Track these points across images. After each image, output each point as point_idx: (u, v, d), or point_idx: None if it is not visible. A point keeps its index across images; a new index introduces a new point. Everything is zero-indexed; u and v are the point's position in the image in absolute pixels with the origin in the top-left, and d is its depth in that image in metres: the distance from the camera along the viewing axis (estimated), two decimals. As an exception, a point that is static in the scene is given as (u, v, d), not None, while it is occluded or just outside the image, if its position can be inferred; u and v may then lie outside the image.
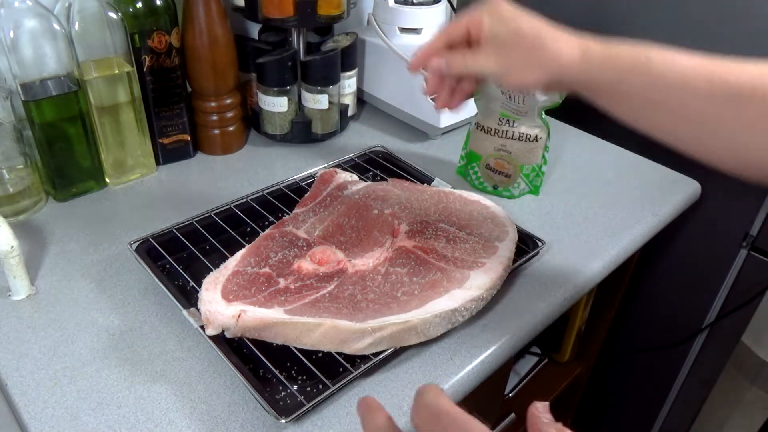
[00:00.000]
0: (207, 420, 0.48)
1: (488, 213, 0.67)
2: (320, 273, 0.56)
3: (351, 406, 0.49)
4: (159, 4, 0.70)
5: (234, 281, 0.54)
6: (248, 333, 0.51)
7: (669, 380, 1.10)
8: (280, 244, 0.59)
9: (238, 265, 0.56)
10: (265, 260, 0.57)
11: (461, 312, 0.54)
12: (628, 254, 0.72)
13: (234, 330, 0.51)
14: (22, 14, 0.61)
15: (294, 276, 0.56)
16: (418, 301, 0.53)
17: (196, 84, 0.79)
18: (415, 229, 0.62)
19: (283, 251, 0.58)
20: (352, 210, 0.65)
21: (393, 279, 0.56)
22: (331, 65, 0.83)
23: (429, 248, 0.60)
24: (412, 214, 0.65)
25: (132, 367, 0.52)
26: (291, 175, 0.75)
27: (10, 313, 0.57)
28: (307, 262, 0.57)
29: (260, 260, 0.57)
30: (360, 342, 0.50)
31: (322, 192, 0.69)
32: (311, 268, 0.56)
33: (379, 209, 0.65)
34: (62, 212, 0.71)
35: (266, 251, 0.58)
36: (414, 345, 0.54)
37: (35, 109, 0.65)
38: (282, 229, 0.62)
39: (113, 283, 0.61)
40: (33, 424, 0.47)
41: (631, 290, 1.07)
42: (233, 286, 0.54)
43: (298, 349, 0.51)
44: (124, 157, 0.75)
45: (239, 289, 0.53)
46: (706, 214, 0.93)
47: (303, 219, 0.64)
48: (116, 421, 0.47)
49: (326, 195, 0.68)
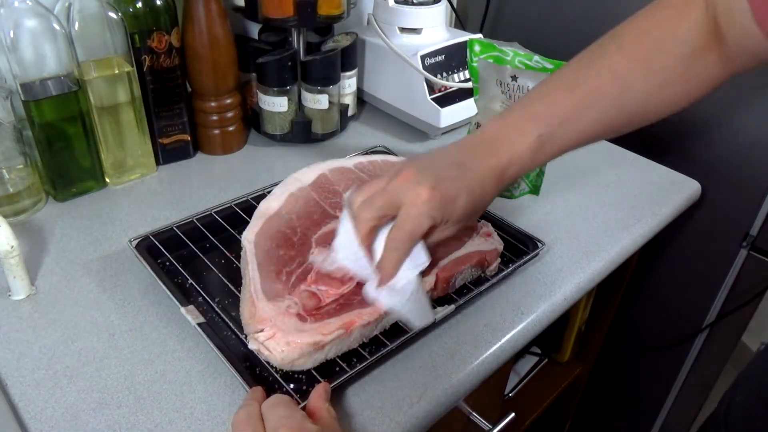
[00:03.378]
0: (207, 420, 0.48)
1: None
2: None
3: (347, 405, 0.49)
4: (159, 4, 0.70)
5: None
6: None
7: (669, 380, 1.10)
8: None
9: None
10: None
11: None
12: (628, 254, 0.72)
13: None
14: (22, 14, 0.61)
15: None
16: None
17: (196, 84, 0.79)
18: None
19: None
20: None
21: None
22: (331, 65, 0.83)
23: None
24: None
25: (132, 367, 0.52)
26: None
27: (10, 313, 0.57)
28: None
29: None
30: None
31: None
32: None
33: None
34: (62, 212, 0.71)
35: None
36: (413, 344, 0.54)
37: (35, 109, 0.65)
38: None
39: (113, 283, 0.61)
40: (33, 424, 0.47)
41: (631, 290, 1.07)
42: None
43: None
44: (124, 157, 0.75)
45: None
46: (707, 214, 0.93)
47: None
48: (116, 421, 0.47)
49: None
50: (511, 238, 0.67)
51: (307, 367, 0.49)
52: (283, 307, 0.50)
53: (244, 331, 0.52)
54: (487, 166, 0.51)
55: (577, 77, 0.52)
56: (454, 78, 0.90)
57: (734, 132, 0.87)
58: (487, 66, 0.73)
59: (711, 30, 0.49)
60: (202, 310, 0.55)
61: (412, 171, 0.49)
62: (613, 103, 0.51)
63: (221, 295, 0.58)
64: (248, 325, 0.50)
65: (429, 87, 0.87)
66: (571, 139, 0.53)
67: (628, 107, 0.52)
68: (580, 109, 0.51)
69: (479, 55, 0.73)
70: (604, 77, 0.51)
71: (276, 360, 0.48)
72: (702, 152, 0.91)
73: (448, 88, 0.89)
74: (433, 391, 0.51)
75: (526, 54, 0.71)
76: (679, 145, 0.93)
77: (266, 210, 0.61)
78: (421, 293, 0.52)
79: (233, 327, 0.54)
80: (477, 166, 0.51)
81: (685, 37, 0.49)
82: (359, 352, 0.52)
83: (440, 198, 0.48)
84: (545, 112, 0.52)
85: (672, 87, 0.51)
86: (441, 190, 0.48)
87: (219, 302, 0.57)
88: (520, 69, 0.70)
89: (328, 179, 0.66)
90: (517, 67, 0.71)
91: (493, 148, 0.51)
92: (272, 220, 0.60)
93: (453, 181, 0.49)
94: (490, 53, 0.72)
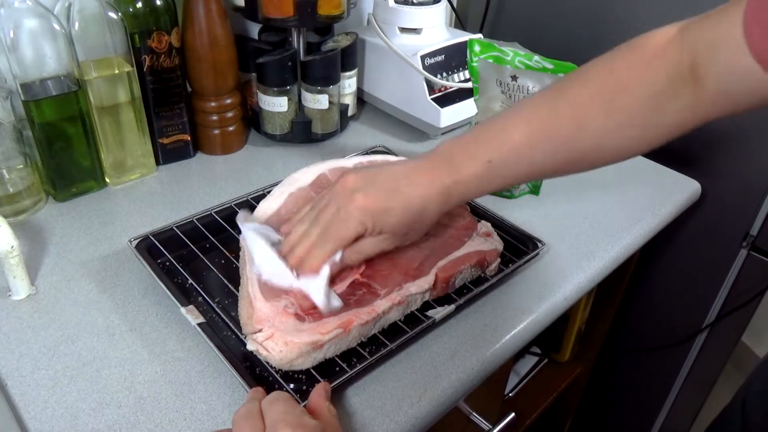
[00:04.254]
0: (207, 420, 0.48)
1: None
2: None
3: (348, 405, 0.49)
4: (159, 4, 0.70)
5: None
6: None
7: (669, 380, 1.10)
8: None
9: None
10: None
11: None
12: (628, 254, 0.72)
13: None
14: (22, 14, 0.61)
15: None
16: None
17: (196, 84, 0.79)
18: None
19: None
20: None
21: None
22: (331, 65, 0.83)
23: None
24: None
25: (132, 367, 0.52)
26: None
27: (10, 313, 0.57)
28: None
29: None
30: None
31: None
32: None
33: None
34: (62, 212, 0.71)
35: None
36: (413, 344, 0.54)
37: (35, 109, 0.65)
38: None
39: (113, 283, 0.61)
40: (33, 425, 0.47)
41: (631, 290, 1.07)
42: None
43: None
44: (124, 157, 0.75)
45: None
46: (707, 214, 0.93)
47: None
48: (116, 421, 0.47)
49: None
50: (511, 238, 0.67)
51: (306, 367, 0.49)
52: (281, 307, 0.50)
53: (242, 331, 0.52)
54: (430, 183, 0.51)
55: (538, 108, 0.51)
56: (454, 78, 0.90)
57: (734, 132, 0.87)
58: (487, 66, 0.73)
59: (684, 72, 0.46)
60: (202, 310, 0.55)
61: (353, 178, 0.52)
62: (569, 138, 0.50)
63: (221, 295, 0.58)
64: (246, 325, 0.50)
65: (429, 87, 0.87)
66: (523, 170, 0.52)
67: (584, 144, 0.50)
68: (534, 141, 0.50)
69: (479, 55, 0.73)
70: (563, 111, 0.50)
71: (275, 360, 0.48)
72: (702, 152, 0.91)
73: (448, 88, 0.89)
74: (434, 391, 0.51)
75: (526, 54, 0.71)
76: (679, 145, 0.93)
77: (266, 210, 0.62)
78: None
79: (233, 327, 0.54)
80: (420, 182, 0.51)
81: (652, 78, 0.47)
82: (359, 351, 0.52)
83: (372, 206, 0.50)
84: (499, 138, 0.51)
85: (631, 129, 0.49)
86: (375, 199, 0.50)
87: (219, 302, 0.57)
88: (520, 69, 0.70)
89: (327, 179, 0.66)
90: (517, 67, 0.71)
91: (440, 167, 0.52)
92: (271, 220, 0.60)
93: (390, 193, 0.51)
94: (490, 53, 0.72)
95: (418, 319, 0.56)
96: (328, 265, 0.52)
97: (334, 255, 0.52)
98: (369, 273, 0.56)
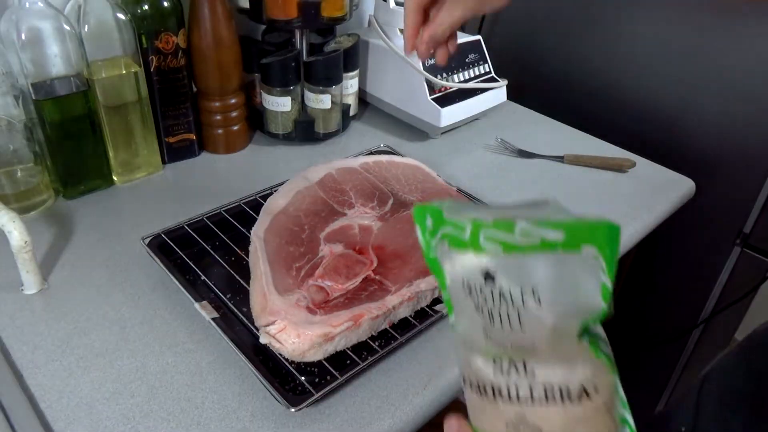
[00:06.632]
0: (218, 409, 0.49)
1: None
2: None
3: (357, 396, 0.51)
4: (166, 6, 0.72)
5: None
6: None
7: (665, 376, 1.12)
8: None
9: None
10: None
11: None
12: (623, 252, 0.73)
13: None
14: (34, 15, 0.63)
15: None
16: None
17: (202, 84, 0.80)
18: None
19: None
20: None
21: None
22: (333, 66, 0.85)
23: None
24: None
25: (144, 358, 0.53)
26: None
27: (23, 307, 0.58)
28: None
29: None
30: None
31: None
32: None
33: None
34: (71, 210, 0.72)
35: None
36: (418, 337, 0.56)
37: (46, 109, 0.67)
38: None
39: (123, 278, 0.62)
40: (50, 413, 0.48)
41: (626, 287, 1.08)
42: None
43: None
44: (131, 155, 0.76)
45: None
46: (701, 211, 0.94)
47: None
48: (130, 410, 0.49)
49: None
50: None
51: (317, 359, 0.51)
52: (293, 301, 0.52)
53: (255, 324, 0.53)
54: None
55: None
56: (454, 78, 0.91)
57: (728, 130, 0.89)
58: (444, 255, 0.32)
59: None
60: (215, 306, 0.56)
61: None
62: None
63: (232, 291, 0.60)
64: (259, 317, 0.52)
65: (429, 87, 0.88)
66: None
67: None
68: None
69: (434, 234, 0.32)
70: None
71: (287, 351, 0.49)
72: (696, 150, 0.93)
73: (448, 88, 0.90)
74: (437, 381, 0.53)
75: (502, 221, 0.29)
76: (673, 144, 0.95)
77: (274, 206, 0.63)
78: None
79: (246, 321, 0.55)
80: None
81: None
82: (369, 344, 0.54)
83: None
84: None
85: None
86: None
87: (230, 298, 0.59)
88: (493, 255, 0.29)
89: (334, 178, 0.68)
90: (484, 251, 0.30)
91: None
92: (280, 217, 0.62)
93: None
94: (443, 229, 0.32)
95: (426, 314, 0.57)
96: None
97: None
98: (381, 270, 0.58)
